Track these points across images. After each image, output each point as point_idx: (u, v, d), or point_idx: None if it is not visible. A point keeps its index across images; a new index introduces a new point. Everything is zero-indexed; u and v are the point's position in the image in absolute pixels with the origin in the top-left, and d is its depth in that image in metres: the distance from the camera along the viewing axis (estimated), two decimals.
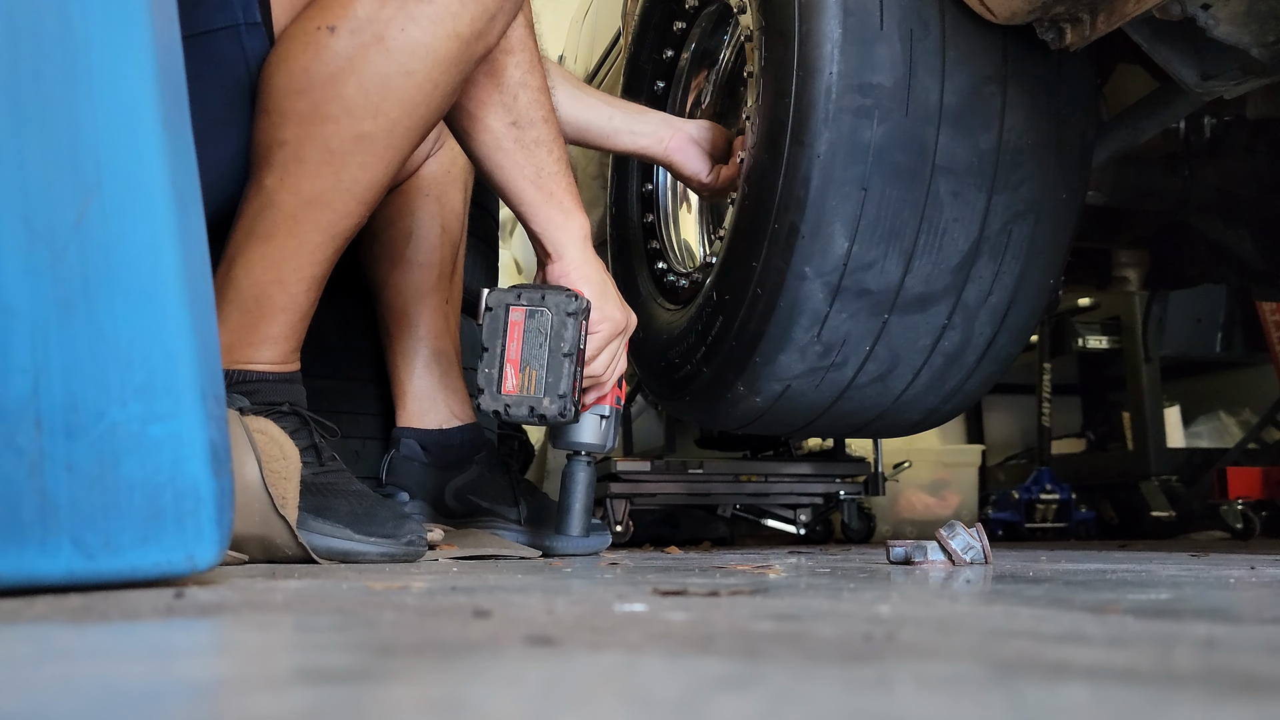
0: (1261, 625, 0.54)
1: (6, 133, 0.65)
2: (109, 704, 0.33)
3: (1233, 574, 0.95)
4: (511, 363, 1.22)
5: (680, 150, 1.64)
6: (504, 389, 1.23)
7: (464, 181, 1.57)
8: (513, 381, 1.22)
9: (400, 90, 1.10)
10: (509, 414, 1.24)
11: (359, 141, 1.10)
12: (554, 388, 1.22)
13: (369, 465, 1.56)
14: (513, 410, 1.23)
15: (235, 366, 1.14)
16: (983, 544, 1.10)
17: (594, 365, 1.30)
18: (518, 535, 1.48)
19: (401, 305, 1.52)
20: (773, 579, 0.89)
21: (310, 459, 1.16)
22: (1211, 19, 1.12)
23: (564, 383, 1.22)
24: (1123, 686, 0.36)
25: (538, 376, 1.22)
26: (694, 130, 1.65)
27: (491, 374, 1.23)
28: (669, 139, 1.64)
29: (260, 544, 1.07)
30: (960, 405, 1.63)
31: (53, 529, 0.64)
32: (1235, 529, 2.67)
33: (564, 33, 3.06)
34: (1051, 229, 1.46)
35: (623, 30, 2.21)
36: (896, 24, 1.34)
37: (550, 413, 1.23)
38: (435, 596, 0.68)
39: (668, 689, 0.36)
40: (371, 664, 0.41)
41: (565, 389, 1.22)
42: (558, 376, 1.22)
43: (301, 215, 1.12)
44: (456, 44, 1.10)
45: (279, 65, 1.12)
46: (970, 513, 3.04)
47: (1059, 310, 2.97)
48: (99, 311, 0.66)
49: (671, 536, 2.59)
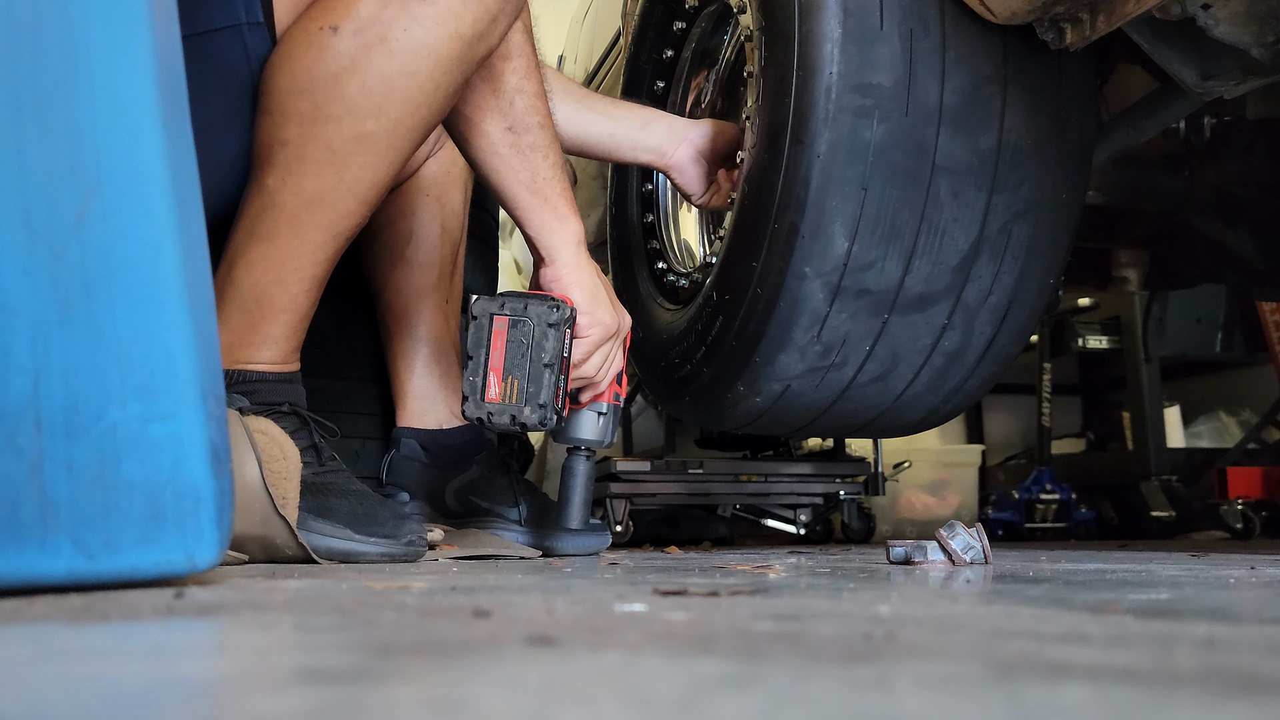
0: (1261, 625, 0.54)
1: (6, 132, 0.65)
2: (109, 704, 0.33)
3: (1233, 574, 0.95)
4: (495, 371, 1.25)
5: (680, 170, 1.63)
6: (487, 396, 1.25)
7: (464, 182, 1.57)
8: (495, 390, 1.25)
9: (403, 90, 1.10)
10: (491, 421, 1.26)
11: (361, 141, 1.11)
12: (535, 397, 1.25)
13: (369, 465, 1.56)
14: (495, 418, 1.26)
15: (235, 366, 1.14)
16: (983, 544, 1.10)
17: (585, 368, 1.31)
18: (518, 535, 1.48)
19: (402, 305, 1.52)
20: (773, 579, 0.89)
21: (310, 459, 1.16)
22: (1211, 19, 1.12)
23: (544, 393, 1.25)
24: (1123, 686, 0.36)
25: (519, 386, 1.25)
26: (698, 139, 1.62)
27: (476, 382, 1.25)
28: (671, 154, 1.62)
29: (260, 544, 1.07)
30: (960, 405, 1.63)
31: (53, 529, 0.64)
32: (1235, 529, 2.67)
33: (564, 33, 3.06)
34: (1051, 229, 1.46)
35: (623, 30, 2.21)
36: (896, 24, 1.34)
37: (531, 421, 1.25)
38: (435, 596, 0.68)
39: (668, 689, 0.36)
40: (371, 664, 0.41)
41: (546, 399, 1.25)
42: (539, 386, 1.25)
43: (303, 215, 1.12)
44: (459, 45, 1.11)
45: (281, 65, 1.12)
46: (970, 513, 3.04)
47: (1059, 310, 2.97)
48: (99, 311, 0.66)
49: (671, 536, 2.58)
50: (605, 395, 1.37)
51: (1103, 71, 1.70)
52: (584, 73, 2.74)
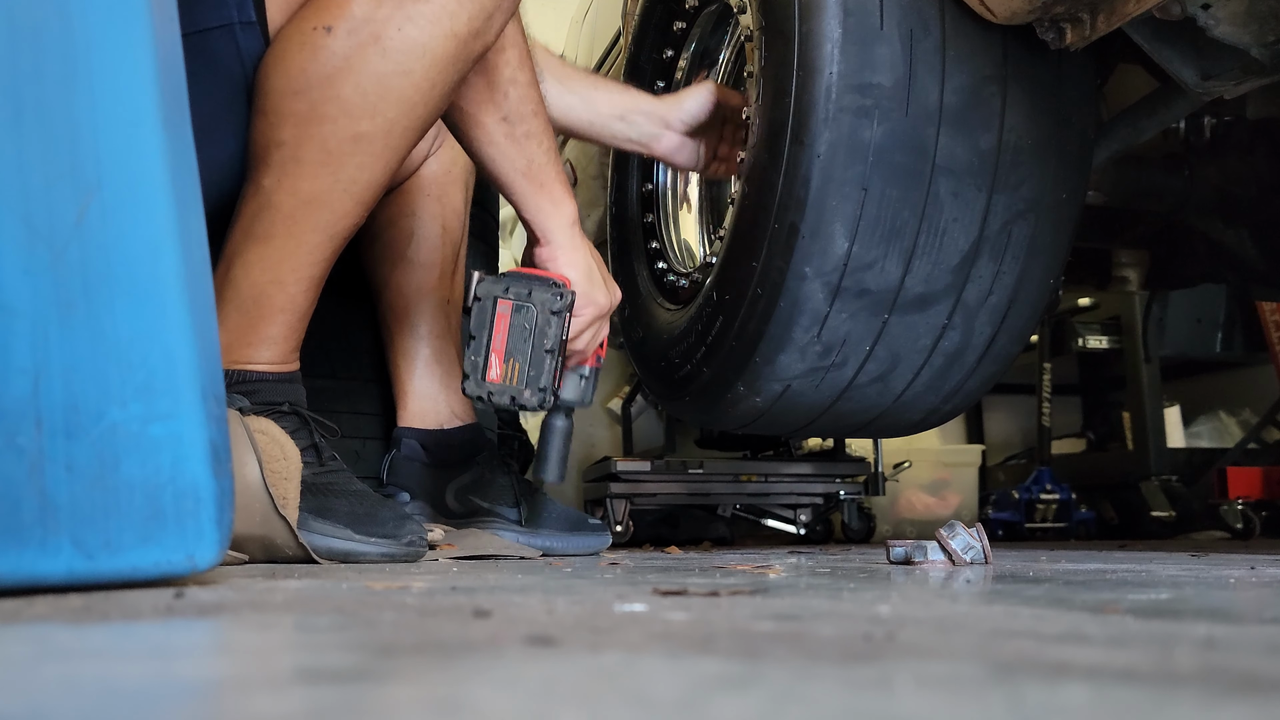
0: (1261, 625, 0.54)
1: (7, 132, 0.65)
2: (109, 704, 0.33)
3: (1233, 574, 0.95)
4: (496, 353, 1.27)
5: (671, 155, 1.64)
6: (488, 376, 1.28)
7: (465, 181, 1.57)
8: (497, 370, 1.27)
9: (398, 90, 1.10)
10: (491, 400, 1.29)
11: (357, 142, 1.11)
12: (535, 380, 1.27)
13: (369, 465, 1.56)
14: (495, 398, 1.28)
15: (235, 366, 1.14)
16: (983, 544, 1.10)
17: (576, 343, 1.34)
18: (518, 535, 1.48)
19: (403, 305, 1.52)
20: (773, 579, 0.89)
21: (311, 459, 1.16)
22: (1211, 19, 1.12)
23: (545, 377, 1.28)
24: (1122, 686, 0.36)
25: (520, 368, 1.27)
26: (683, 119, 1.61)
27: (477, 361, 1.28)
28: (656, 145, 1.63)
29: (261, 544, 1.07)
30: (960, 405, 1.63)
31: (53, 529, 0.64)
32: (1235, 529, 2.67)
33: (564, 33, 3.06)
34: (1051, 229, 1.46)
35: (623, 30, 2.21)
36: (896, 24, 1.34)
37: (530, 404, 1.29)
38: (435, 596, 0.68)
39: (668, 689, 0.36)
40: (372, 664, 0.41)
41: (546, 383, 1.28)
42: (539, 371, 1.27)
43: (299, 215, 1.12)
44: (454, 43, 1.11)
45: (275, 65, 1.12)
46: (970, 513, 3.04)
47: (1059, 310, 2.97)
48: (99, 311, 0.66)
49: (671, 536, 2.58)
50: (589, 360, 1.40)
51: (1103, 71, 1.70)
52: None
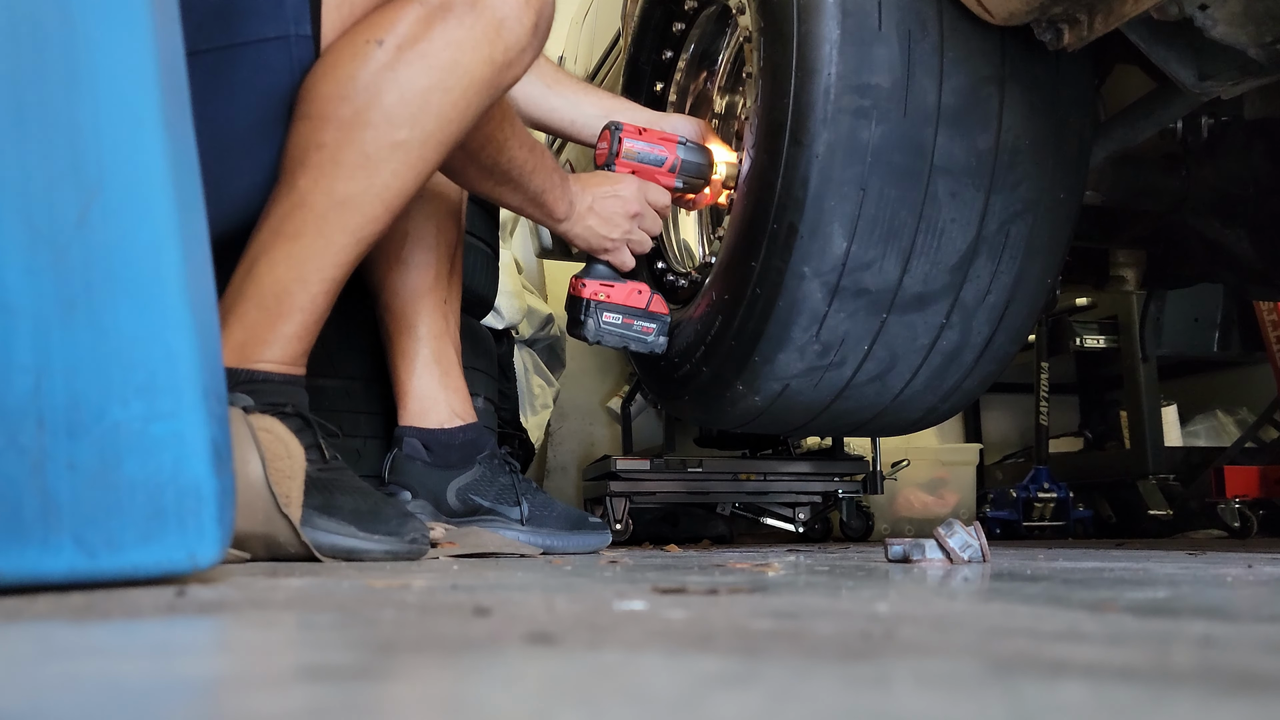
0: (1258, 623, 0.55)
1: (9, 132, 0.65)
2: (111, 702, 0.34)
3: (1230, 572, 0.96)
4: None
5: None
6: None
7: None
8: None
9: (437, 105, 1.17)
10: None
11: (394, 149, 1.16)
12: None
13: (371, 464, 1.56)
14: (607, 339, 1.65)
15: (244, 366, 1.15)
16: (980, 542, 1.10)
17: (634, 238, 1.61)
18: (519, 534, 1.48)
19: (400, 306, 1.52)
20: (771, 577, 0.89)
21: (314, 458, 1.16)
22: (1209, 19, 1.13)
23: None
24: (1120, 684, 0.36)
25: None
26: (667, 128, 1.68)
27: None
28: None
29: (263, 542, 1.07)
30: (958, 404, 1.63)
31: (55, 527, 0.64)
32: (1232, 527, 2.68)
33: (564, 33, 3.06)
34: (1049, 229, 1.46)
35: (622, 31, 2.21)
36: (894, 25, 1.34)
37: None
38: (436, 594, 0.68)
39: (667, 687, 0.36)
40: (372, 662, 0.41)
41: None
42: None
43: (331, 216, 1.16)
44: (490, 69, 1.20)
45: (326, 73, 1.17)
46: (968, 511, 3.05)
47: (1057, 309, 2.97)
48: (101, 311, 0.66)
49: (671, 534, 2.59)
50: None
51: (1100, 72, 1.70)
52: (584, 73, 2.74)
